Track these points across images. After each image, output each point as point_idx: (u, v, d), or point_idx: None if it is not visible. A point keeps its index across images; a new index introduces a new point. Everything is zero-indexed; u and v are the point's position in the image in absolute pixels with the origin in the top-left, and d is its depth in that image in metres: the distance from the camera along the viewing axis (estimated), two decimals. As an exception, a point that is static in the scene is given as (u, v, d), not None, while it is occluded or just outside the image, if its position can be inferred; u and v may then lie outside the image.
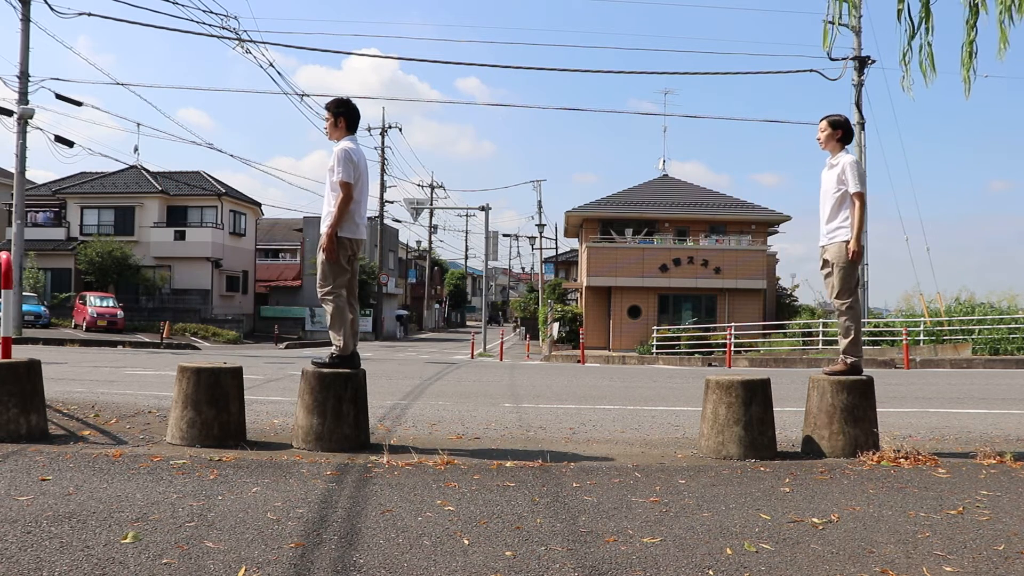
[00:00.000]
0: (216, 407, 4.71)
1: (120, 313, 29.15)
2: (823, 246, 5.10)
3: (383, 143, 43.91)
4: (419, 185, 75.28)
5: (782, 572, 2.63)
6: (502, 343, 25.02)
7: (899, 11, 4.34)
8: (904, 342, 16.50)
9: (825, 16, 4.66)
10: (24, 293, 25.53)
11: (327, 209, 4.82)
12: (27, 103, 21.35)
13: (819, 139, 5.16)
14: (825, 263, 5.10)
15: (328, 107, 4.95)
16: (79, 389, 8.00)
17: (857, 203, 4.90)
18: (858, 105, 21.29)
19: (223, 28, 22.20)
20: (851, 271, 4.97)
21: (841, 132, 5.09)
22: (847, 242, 4.93)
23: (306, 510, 3.25)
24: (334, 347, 4.86)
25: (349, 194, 4.73)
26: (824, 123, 5.14)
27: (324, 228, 4.81)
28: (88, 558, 2.58)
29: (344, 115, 4.91)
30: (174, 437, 4.74)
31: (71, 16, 20.80)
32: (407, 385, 10.18)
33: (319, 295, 4.93)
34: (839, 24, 19.88)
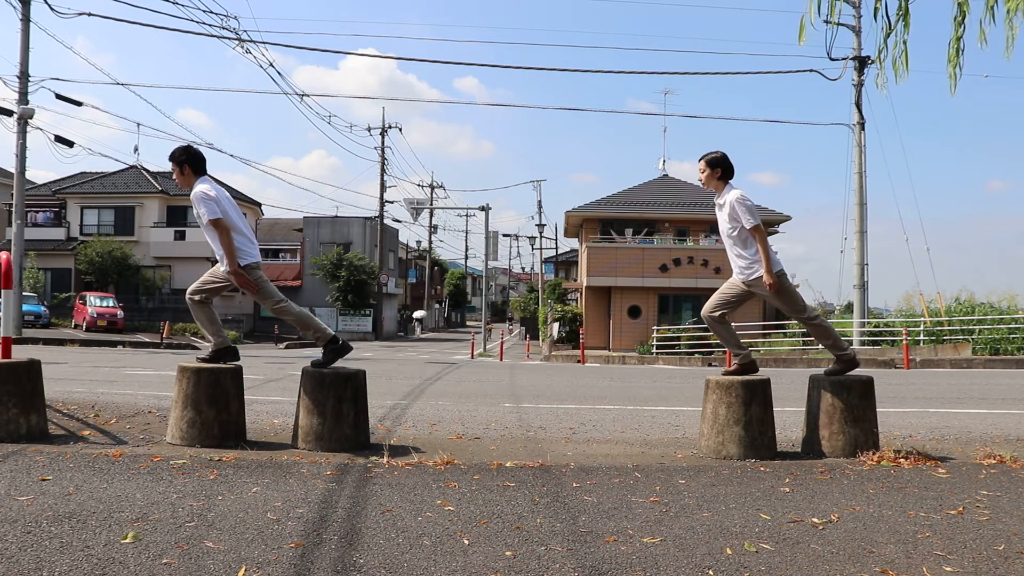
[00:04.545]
0: (216, 407, 4.71)
1: (120, 313, 29.14)
2: (743, 281, 4.96)
3: (383, 143, 43.91)
4: (419, 185, 75.35)
5: (782, 572, 2.63)
6: (502, 343, 25.03)
7: (875, 9, 4.35)
8: (904, 342, 16.50)
9: (820, 17, 4.62)
10: (24, 293, 25.52)
11: (218, 251, 4.86)
12: (27, 103, 21.33)
13: (700, 180, 5.06)
14: (738, 287, 5.01)
15: (171, 159, 4.98)
16: (79, 389, 8.00)
17: (757, 236, 4.81)
18: (858, 105, 21.28)
19: (223, 28, 22.22)
20: (787, 293, 4.93)
21: (720, 170, 4.95)
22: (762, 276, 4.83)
23: (306, 510, 3.25)
24: (317, 343, 4.97)
25: (224, 227, 4.78)
26: (702, 163, 5.00)
27: (225, 269, 4.84)
28: (88, 558, 2.58)
29: (188, 162, 4.94)
30: (174, 437, 4.74)
31: (71, 16, 20.80)
32: (407, 385, 10.18)
33: (273, 313, 5.06)
34: (836, 24, 19.88)
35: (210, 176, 5.02)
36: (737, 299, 5.04)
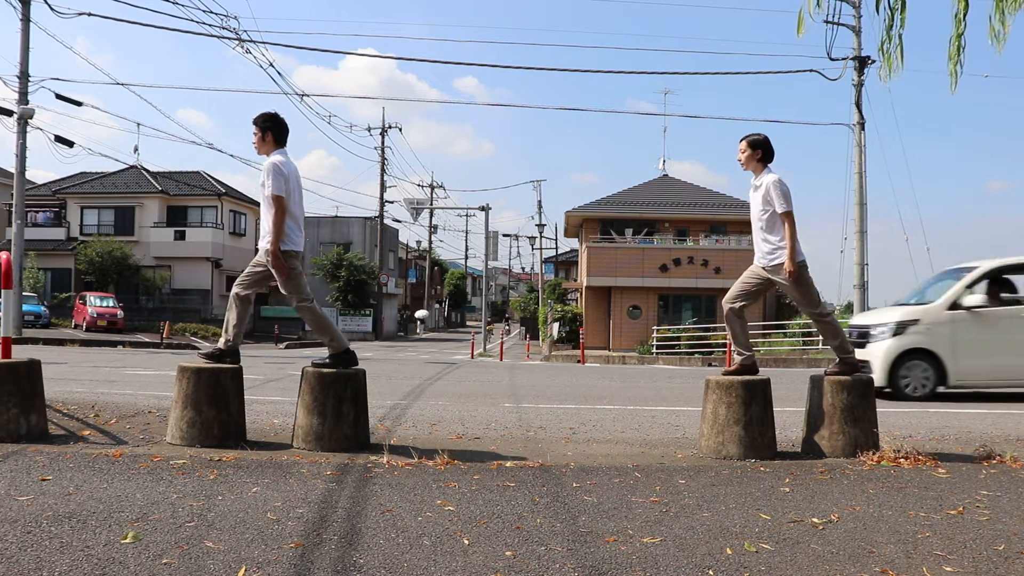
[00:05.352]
0: (216, 407, 4.71)
1: (120, 313, 29.14)
2: (763, 267, 4.98)
3: (383, 143, 43.90)
4: (419, 185, 75.40)
5: (782, 572, 2.63)
6: (502, 343, 25.04)
7: (877, 1, 4.35)
8: (904, 342, 16.46)
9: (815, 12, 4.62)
10: (24, 293, 25.52)
11: (265, 226, 4.81)
12: (27, 103, 21.32)
13: (740, 160, 5.04)
14: (759, 276, 5.03)
15: (255, 122, 4.92)
16: (79, 389, 8.00)
17: (787, 222, 4.82)
18: (858, 105, 21.27)
19: (223, 28, 22.20)
20: (805, 284, 4.93)
21: (761, 152, 4.96)
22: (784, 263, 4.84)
23: (306, 510, 3.25)
24: (328, 348, 4.89)
25: (283, 207, 4.72)
26: (743, 144, 5.00)
27: (265, 245, 4.77)
28: (88, 558, 2.58)
29: (271, 129, 4.89)
30: (174, 437, 4.74)
31: (71, 16, 20.79)
32: (407, 385, 10.18)
33: (296, 308, 4.92)
34: (836, 23, 19.89)
35: (287, 152, 4.93)
36: (757, 288, 5.04)
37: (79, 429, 5.24)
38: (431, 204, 46.82)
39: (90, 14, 20.75)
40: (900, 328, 9.34)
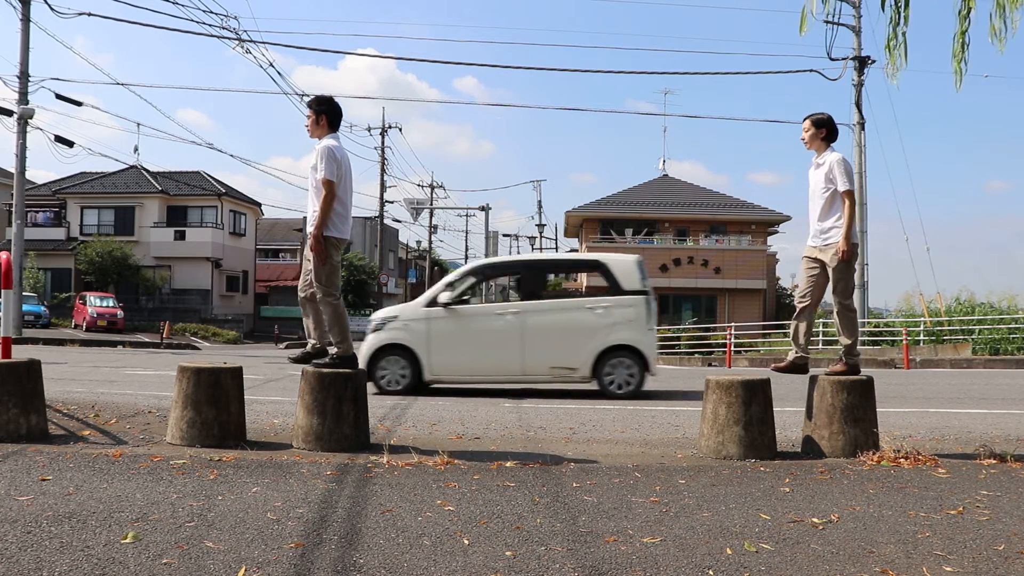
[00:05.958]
0: (216, 407, 4.71)
1: (120, 313, 29.17)
2: (815, 246, 5.03)
3: (383, 143, 43.87)
4: (419, 185, 75.24)
5: (782, 572, 2.63)
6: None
7: None
8: (904, 342, 16.50)
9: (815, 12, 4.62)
10: (24, 293, 25.52)
11: (312, 209, 4.78)
12: (27, 103, 21.32)
13: (803, 139, 5.10)
14: (814, 261, 5.06)
15: (310, 104, 4.92)
16: (79, 389, 8.00)
17: (847, 201, 4.86)
18: (858, 105, 21.27)
19: (223, 28, 22.17)
20: (850, 269, 4.95)
21: (825, 131, 5.03)
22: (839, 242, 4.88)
23: (306, 510, 3.25)
24: (335, 349, 4.85)
25: (333, 192, 4.69)
26: (807, 122, 5.07)
27: (310, 229, 4.74)
28: (88, 558, 2.58)
29: (326, 113, 4.87)
30: (174, 437, 4.74)
31: (71, 16, 20.79)
32: (407, 385, 10.16)
33: (318, 299, 4.83)
34: (836, 24, 19.90)
35: (340, 137, 4.95)
36: (816, 276, 5.04)
37: (79, 429, 5.24)
38: (431, 204, 46.78)
39: (90, 14, 20.75)
40: (380, 324, 9.35)
